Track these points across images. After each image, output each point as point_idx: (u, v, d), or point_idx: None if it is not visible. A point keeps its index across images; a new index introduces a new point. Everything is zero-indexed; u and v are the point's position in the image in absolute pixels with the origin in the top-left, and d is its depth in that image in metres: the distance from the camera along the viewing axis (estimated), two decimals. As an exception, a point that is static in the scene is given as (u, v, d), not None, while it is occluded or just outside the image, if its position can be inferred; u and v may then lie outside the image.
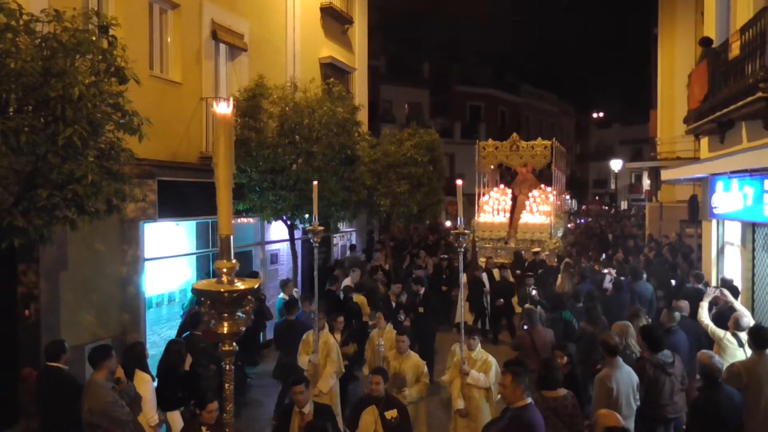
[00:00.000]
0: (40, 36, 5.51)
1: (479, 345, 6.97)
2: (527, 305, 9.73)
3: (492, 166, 19.02)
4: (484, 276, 13.66)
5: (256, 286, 2.30)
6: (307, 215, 10.87)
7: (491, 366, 6.73)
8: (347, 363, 8.29)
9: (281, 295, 10.65)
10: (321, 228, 6.98)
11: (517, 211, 17.54)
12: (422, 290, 10.84)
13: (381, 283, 12.77)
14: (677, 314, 7.46)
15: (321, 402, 6.39)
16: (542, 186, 18.23)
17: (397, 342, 7.19)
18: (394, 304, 10.55)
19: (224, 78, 11.96)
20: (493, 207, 17.45)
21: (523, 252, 15.42)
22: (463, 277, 12.66)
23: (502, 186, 19.06)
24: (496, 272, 13.93)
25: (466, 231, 5.83)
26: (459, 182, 6.11)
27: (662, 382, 5.94)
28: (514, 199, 18.17)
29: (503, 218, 17.10)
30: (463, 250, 6.06)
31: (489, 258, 15.54)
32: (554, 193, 17.87)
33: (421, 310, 10.61)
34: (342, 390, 8.42)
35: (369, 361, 8.20)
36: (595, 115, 62.12)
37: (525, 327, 8.32)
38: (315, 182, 7.19)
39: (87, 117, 5.40)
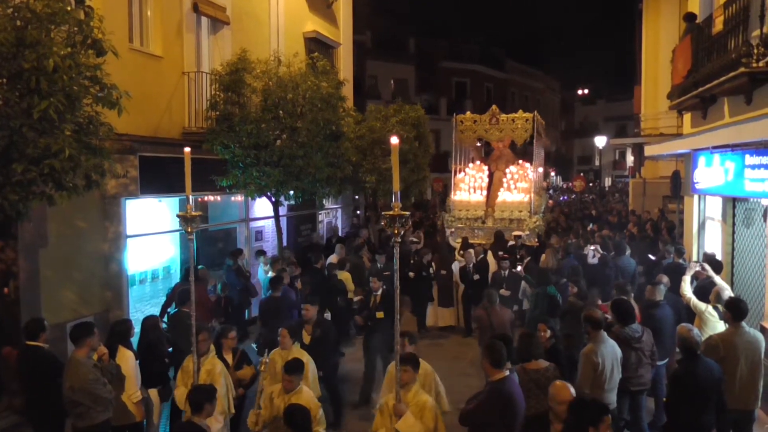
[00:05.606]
0: (12, 5, 5.35)
1: (417, 381, 5.12)
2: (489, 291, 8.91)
3: (478, 143, 18.40)
4: (456, 266, 12.10)
5: None
6: (291, 191, 10.79)
7: (428, 411, 4.86)
8: (242, 390, 6.54)
9: (268, 270, 10.65)
10: (198, 213, 5.30)
11: (493, 188, 16.38)
12: (381, 289, 8.67)
13: (368, 259, 12.76)
14: (662, 288, 7.56)
15: None
16: (520, 162, 17.07)
17: (283, 380, 5.35)
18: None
19: (206, 52, 11.73)
20: (469, 184, 16.32)
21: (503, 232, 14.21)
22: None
23: (478, 162, 17.60)
24: (470, 252, 12.26)
25: (404, 213, 4.18)
26: (394, 140, 4.31)
27: (627, 356, 6.03)
28: (490, 176, 16.92)
29: (480, 196, 15.93)
30: (398, 241, 4.34)
31: (464, 238, 14.14)
32: (538, 170, 17.08)
33: (379, 315, 8.40)
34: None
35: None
36: (580, 91, 62.18)
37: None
38: (187, 148, 4.99)
39: (63, 90, 5.28)
